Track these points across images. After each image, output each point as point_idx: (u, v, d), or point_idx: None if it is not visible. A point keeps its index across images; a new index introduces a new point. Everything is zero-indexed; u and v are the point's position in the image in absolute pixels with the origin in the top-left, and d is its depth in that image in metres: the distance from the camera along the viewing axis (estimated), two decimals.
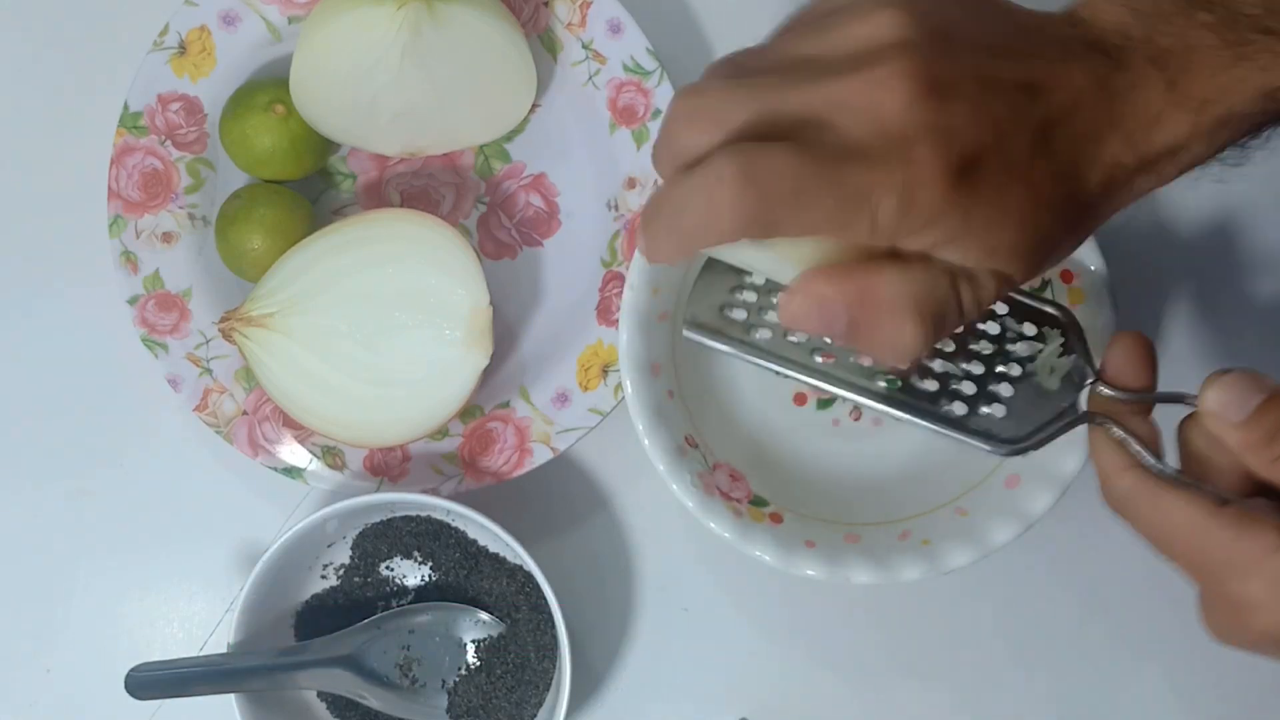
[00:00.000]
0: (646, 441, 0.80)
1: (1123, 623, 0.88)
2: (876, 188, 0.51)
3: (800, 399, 0.86)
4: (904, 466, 0.85)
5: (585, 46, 0.88)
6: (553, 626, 0.83)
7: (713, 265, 0.65)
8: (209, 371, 0.87)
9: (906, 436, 0.85)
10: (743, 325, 0.65)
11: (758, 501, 0.83)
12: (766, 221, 0.52)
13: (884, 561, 0.79)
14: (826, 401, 0.86)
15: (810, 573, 0.79)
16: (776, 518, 0.82)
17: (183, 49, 0.88)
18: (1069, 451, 0.77)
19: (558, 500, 0.90)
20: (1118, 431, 0.63)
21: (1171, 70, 0.55)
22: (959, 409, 0.65)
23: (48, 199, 0.92)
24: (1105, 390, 0.64)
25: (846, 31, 0.54)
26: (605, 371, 0.87)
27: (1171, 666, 0.88)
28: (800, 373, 0.65)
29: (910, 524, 0.82)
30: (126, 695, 0.82)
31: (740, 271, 0.66)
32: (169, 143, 0.88)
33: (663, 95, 0.87)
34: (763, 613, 0.90)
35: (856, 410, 0.86)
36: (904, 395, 0.65)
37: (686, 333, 0.65)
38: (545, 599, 0.82)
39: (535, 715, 0.86)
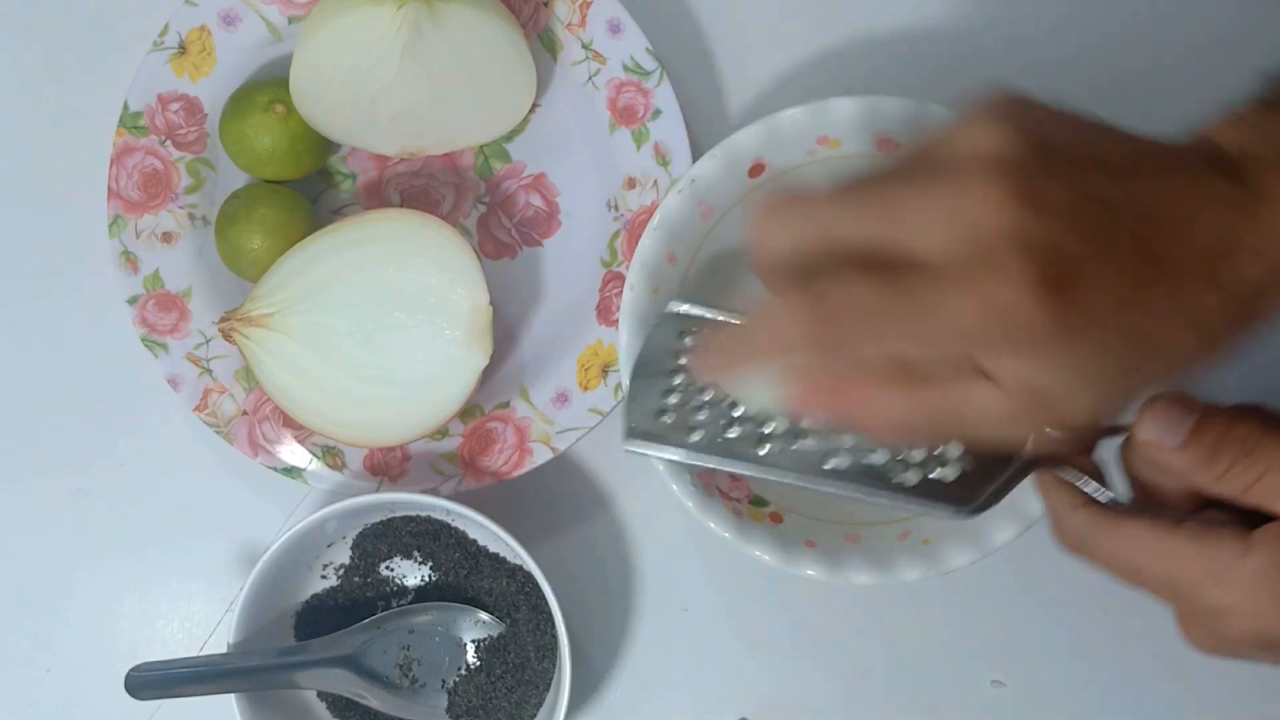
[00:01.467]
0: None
1: (1122, 623, 0.88)
2: (956, 297, 0.50)
3: None
4: None
5: (585, 46, 0.88)
6: (552, 626, 0.83)
7: (644, 367, 0.66)
8: (209, 371, 0.87)
9: None
10: (682, 428, 0.66)
11: (757, 501, 0.83)
12: (833, 341, 0.53)
13: (884, 561, 0.79)
14: None
15: (810, 573, 0.79)
16: (776, 517, 0.82)
17: (183, 49, 0.88)
18: None
19: (558, 500, 0.90)
20: (1067, 474, 0.63)
21: None
22: (912, 477, 0.64)
23: (47, 199, 0.92)
24: (1050, 431, 0.63)
25: (945, 147, 0.53)
26: (605, 371, 0.87)
27: (1173, 666, 0.88)
28: (747, 468, 0.65)
29: (910, 524, 0.82)
30: (126, 695, 0.82)
31: (671, 373, 0.67)
32: (169, 143, 0.88)
33: (662, 95, 0.87)
34: (762, 612, 0.90)
35: None
36: (855, 472, 0.64)
37: (627, 445, 0.66)
38: (545, 599, 0.82)
39: (535, 715, 0.86)
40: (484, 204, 0.90)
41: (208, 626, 0.91)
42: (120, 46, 0.90)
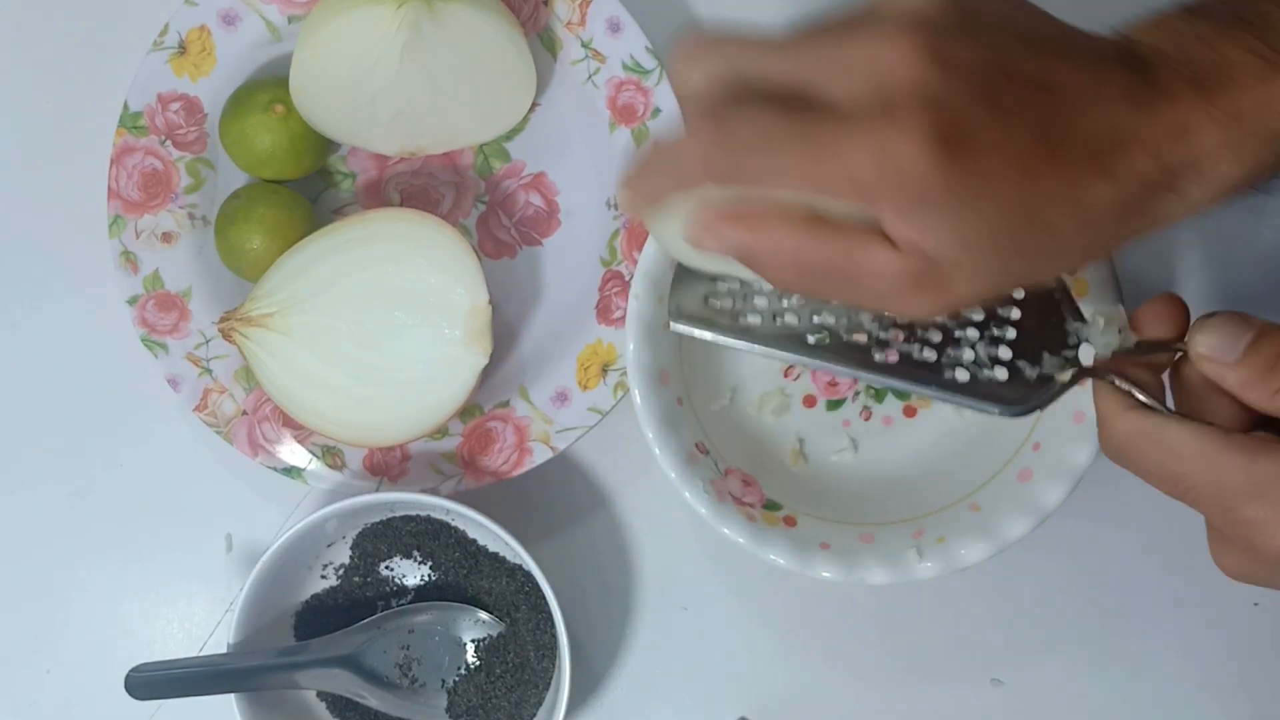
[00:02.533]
0: (657, 450, 0.80)
1: (1121, 623, 0.88)
2: (851, 140, 0.51)
3: (810, 401, 0.86)
4: (916, 464, 0.86)
5: (585, 45, 0.88)
6: (552, 626, 0.83)
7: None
8: (209, 371, 0.87)
9: (918, 434, 0.86)
10: (730, 313, 0.66)
11: (771, 505, 0.83)
12: (730, 168, 0.54)
13: (899, 561, 0.79)
14: (836, 402, 0.86)
15: (826, 575, 0.79)
16: (790, 521, 0.82)
17: (183, 48, 0.88)
18: (1080, 444, 0.78)
19: (557, 499, 0.90)
20: (1121, 383, 0.64)
21: (1204, 84, 0.54)
22: (961, 375, 0.66)
23: (47, 199, 0.92)
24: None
25: (876, 7, 0.54)
26: (605, 371, 0.87)
27: (1172, 666, 0.88)
28: (794, 353, 0.65)
29: (924, 522, 0.82)
30: (126, 695, 0.82)
31: (713, 279, 0.67)
32: (169, 142, 0.88)
33: (662, 94, 0.87)
34: (762, 611, 0.90)
35: (867, 410, 0.86)
36: (905, 367, 0.66)
37: (673, 324, 0.66)
38: (545, 598, 0.82)
39: (535, 715, 0.85)
40: (484, 203, 0.90)
41: (208, 627, 0.91)
42: (120, 46, 0.90)
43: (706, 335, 0.66)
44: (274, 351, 0.84)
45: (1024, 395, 0.66)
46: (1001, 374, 0.66)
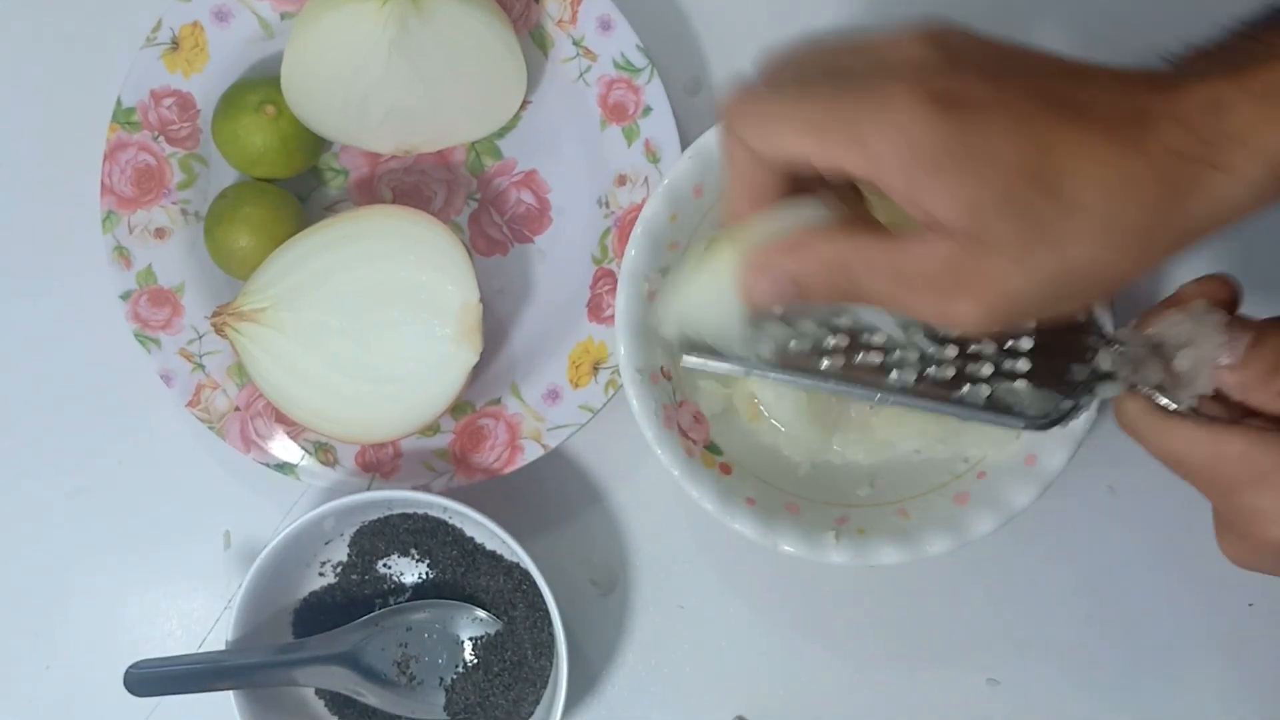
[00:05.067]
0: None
1: (1118, 623, 0.88)
2: (856, 100, 0.52)
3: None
4: (867, 455, 0.85)
5: (576, 43, 0.88)
6: (549, 624, 0.83)
7: None
8: (201, 367, 0.88)
9: (880, 430, 0.84)
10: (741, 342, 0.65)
11: (713, 449, 0.82)
12: (764, 129, 0.56)
13: (815, 539, 0.78)
14: None
15: (740, 528, 0.78)
16: (726, 469, 0.81)
17: (175, 44, 0.88)
18: (1024, 485, 0.77)
19: (552, 496, 0.90)
20: (1145, 390, 0.63)
21: (1233, 66, 0.52)
22: (982, 391, 0.65)
23: (40, 194, 0.93)
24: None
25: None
26: (596, 368, 0.87)
27: (1168, 666, 0.88)
28: (810, 379, 0.65)
29: (851, 512, 0.81)
30: (125, 692, 0.83)
31: None
32: (162, 138, 0.88)
33: (653, 92, 0.86)
34: (760, 610, 0.90)
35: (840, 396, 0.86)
36: (923, 386, 0.65)
37: (686, 360, 0.65)
38: (542, 596, 0.82)
39: (532, 713, 0.86)
40: (475, 201, 0.90)
41: (206, 624, 0.91)
42: (113, 42, 0.91)
43: (722, 368, 0.65)
44: (266, 347, 0.84)
45: (1046, 410, 0.65)
46: (1022, 386, 0.65)
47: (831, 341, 0.65)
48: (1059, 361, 0.66)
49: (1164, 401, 0.62)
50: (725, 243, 0.60)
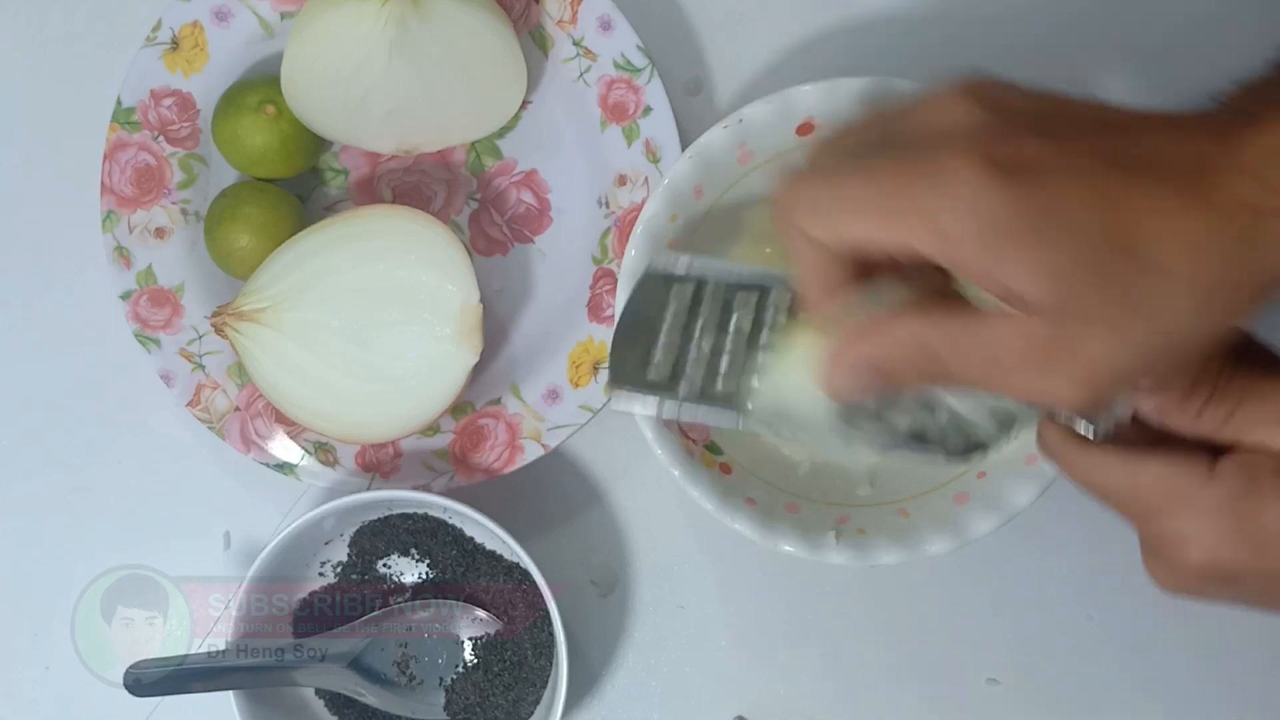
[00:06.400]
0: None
1: (1117, 622, 0.88)
2: (912, 176, 0.51)
3: None
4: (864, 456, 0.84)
5: (576, 43, 0.87)
6: (549, 624, 0.83)
7: (631, 314, 0.66)
8: (201, 367, 0.88)
9: None
10: (673, 377, 0.65)
11: (713, 449, 0.82)
12: (824, 217, 0.54)
13: (816, 539, 0.78)
14: None
15: (740, 529, 0.78)
16: (726, 468, 0.82)
17: (175, 44, 0.87)
18: (1025, 484, 0.77)
19: (552, 497, 0.90)
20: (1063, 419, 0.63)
21: None
22: (903, 422, 0.63)
23: (40, 194, 0.93)
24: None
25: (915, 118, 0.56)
26: (596, 368, 0.87)
27: (1167, 665, 0.88)
28: (738, 419, 0.65)
29: (852, 511, 0.81)
30: (125, 692, 0.83)
31: (659, 320, 0.66)
32: (162, 138, 0.88)
33: (653, 92, 0.86)
34: (759, 610, 0.90)
35: None
36: (845, 421, 0.63)
37: (615, 394, 0.65)
38: (542, 596, 0.82)
39: (532, 713, 0.86)
40: (475, 201, 0.90)
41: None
42: (113, 42, 0.91)
43: (650, 412, 0.65)
44: (266, 347, 0.84)
45: (967, 440, 0.63)
46: (943, 417, 0.63)
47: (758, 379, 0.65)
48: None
49: (1083, 429, 0.62)
50: (805, 334, 0.60)
